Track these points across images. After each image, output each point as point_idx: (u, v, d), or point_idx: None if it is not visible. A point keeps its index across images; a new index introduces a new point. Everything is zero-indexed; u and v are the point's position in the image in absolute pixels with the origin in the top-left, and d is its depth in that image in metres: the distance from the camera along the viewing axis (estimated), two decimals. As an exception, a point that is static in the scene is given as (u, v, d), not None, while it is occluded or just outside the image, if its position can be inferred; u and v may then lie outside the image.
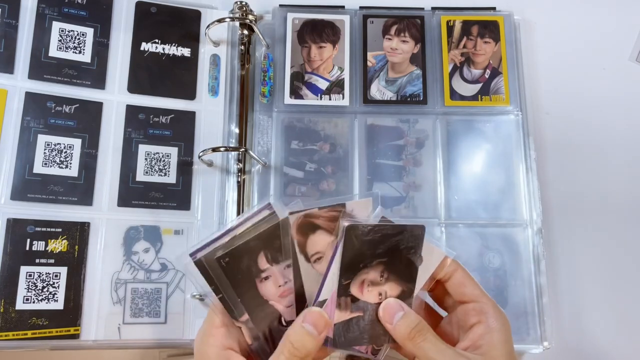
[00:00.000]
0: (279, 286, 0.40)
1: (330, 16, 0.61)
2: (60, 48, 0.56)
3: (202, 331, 0.40)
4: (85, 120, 0.55)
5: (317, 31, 0.61)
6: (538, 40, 0.64)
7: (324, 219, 0.41)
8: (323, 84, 0.59)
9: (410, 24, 0.61)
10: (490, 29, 0.61)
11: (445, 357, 0.38)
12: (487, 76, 0.60)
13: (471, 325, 0.40)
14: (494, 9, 0.63)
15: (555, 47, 0.64)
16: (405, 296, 0.40)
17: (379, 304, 0.40)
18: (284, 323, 0.40)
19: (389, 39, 0.61)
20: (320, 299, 0.39)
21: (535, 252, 0.55)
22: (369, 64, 0.60)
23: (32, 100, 0.54)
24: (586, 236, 0.59)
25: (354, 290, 0.39)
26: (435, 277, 0.42)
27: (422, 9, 0.62)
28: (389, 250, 0.39)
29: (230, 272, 0.39)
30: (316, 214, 0.40)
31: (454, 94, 0.59)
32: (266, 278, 0.40)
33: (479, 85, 0.60)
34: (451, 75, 0.60)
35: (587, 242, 0.59)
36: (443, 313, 0.44)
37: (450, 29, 0.61)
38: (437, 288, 0.43)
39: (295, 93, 0.59)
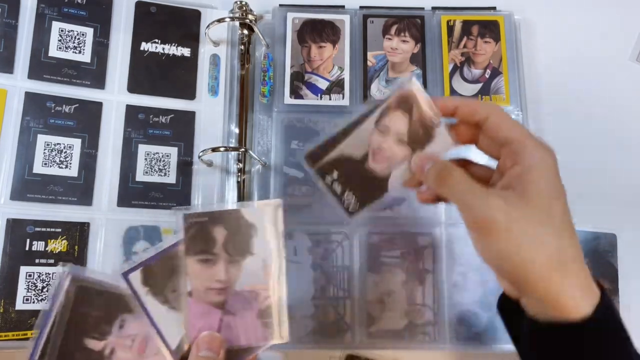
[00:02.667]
0: (130, 347, 0.39)
1: (330, 16, 0.61)
2: (60, 48, 0.56)
3: None
4: (85, 120, 0.55)
5: (317, 31, 0.60)
6: (538, 39, 0.64)
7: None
8: (323, 84, 0.59)
9: (411, 23, 0.61)
10: (490, 29, 0.61)
11: (473, 194, 0.35)
12: (487, 76, 0.60)
13: (508, 169, 0.36)
14: (494, 8, 0.63)
15: (556, 46, 0.64)
16: None
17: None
18: None
19: (389, 38, 0.61)
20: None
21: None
22: (369, 63, 0.60)
23: (32, 100, 0.54)
24: (586, 236, 0.59)
25: None
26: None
27: (422, 8, 0.62)
28: None
29: None
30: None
31: (454, 94, 0.59)
32: (112, 352, 0.39)
33: (479, 85, 0.59)
34: (451, 75, 0.60)
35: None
36: None
37: (450, 28, 0.61)
38: (480, 139, 0.40)
39: (295, 93, 0.59)
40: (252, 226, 0.41)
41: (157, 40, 0.59)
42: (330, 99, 0.59)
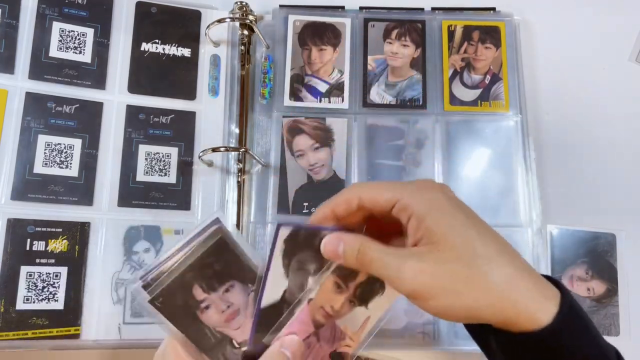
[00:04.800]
0: (222, 312, 0.40)
1: (331, 19, 0.61)
2: (60, 48, 0.56)
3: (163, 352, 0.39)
4: (86, 121, 0.55)
5: (318, 34, 0.60)
6: (538, 40, 0.64)
7: (308, 126, 0.55)
8: (323, 87, 0.59)
9: (412, 28, 0.61)
10: (491, 35, 0.61)
11: (392, 260, 0.35)
12: (487, 82, 0.60)
13: (407, 225, 0.36)
14: (493, 9, 0.63)
15: (555, 47, 0.64)
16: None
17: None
18: (236, 345, 0.40)
19: (390, 42, 0.61)
20: (265, 303, 0.39)
21: (535, 252, 0.55)
22: (369, 68, 0.60)
23: (33, 101, 0.54)
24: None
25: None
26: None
27: (422, 9, 0.62)
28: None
29: (167, 311, 0.38)
30: (302, 121, 0.55)
31: (453, 99, 0.59)
32: (207, 307, 0.40)
33: (478, 91, 0.59)
34: (451, 80, 0.60)
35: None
36: None
37: (451, 33, 0.61)
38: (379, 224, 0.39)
39: (294, 95, 0.59)
40: (382, 285, 0.41)
41: (157, 41, 0.59)
42: (329, 102, 0.59)
